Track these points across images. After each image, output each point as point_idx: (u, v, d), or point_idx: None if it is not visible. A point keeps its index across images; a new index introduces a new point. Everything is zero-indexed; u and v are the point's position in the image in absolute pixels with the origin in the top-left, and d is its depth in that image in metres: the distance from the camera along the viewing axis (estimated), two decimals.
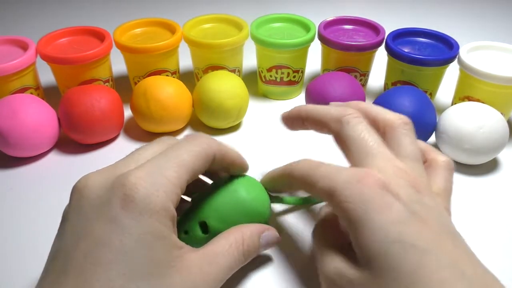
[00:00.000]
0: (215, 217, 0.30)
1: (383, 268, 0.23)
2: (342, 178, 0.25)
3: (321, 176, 0.26)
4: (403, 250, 0.22)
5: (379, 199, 0.24)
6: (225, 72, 0.45)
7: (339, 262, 0.25)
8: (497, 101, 0.43)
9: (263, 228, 0.29)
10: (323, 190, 0.26)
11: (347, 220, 0.24)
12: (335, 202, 0.25)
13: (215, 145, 0.28)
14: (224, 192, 0.30)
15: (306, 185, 0.28)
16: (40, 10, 0.78)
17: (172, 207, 0.24)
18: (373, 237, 0.23)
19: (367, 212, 0.23)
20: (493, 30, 0.72)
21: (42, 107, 0.41)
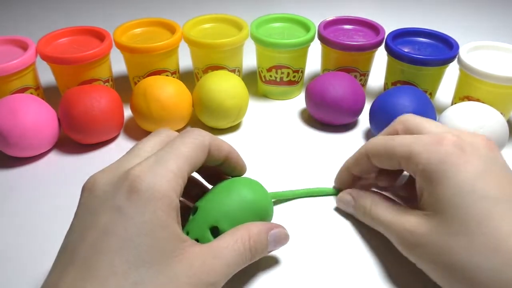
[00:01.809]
0: (226, 220, 0.29)
1: (455, 217, 0.26)
2: (420, 143, 0.28)
3: (399, 144, 0.30)
4: (474, 200, 0.25)
5: (456, 158, 0.27)
6: (225, 72, 0.45)
7: (409, 224, 0.28)
8: (497, 101, 0.43)
9: (271, 226, 0.29)
10: (402, 155, 0.29)
11: (426, 179, 0.27)
12: (413, 163, 0.28)
13: (208, 136, 0.29)
14: (230, 195, 0.30)
15: (385, 154, 0.31)
16: (40, 10, 0.78)
17: (175, 197, 0.25)
18: (449, 191, 0.26)
19: (445, 170, 0.27)
20: (493, 30, 0.72)
21: (42, 107, 0.41)
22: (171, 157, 0.26)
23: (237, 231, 0.28)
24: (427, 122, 0.31)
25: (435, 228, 0.27)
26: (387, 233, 0.31)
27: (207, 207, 0.30)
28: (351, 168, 0.35)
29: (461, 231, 0.25)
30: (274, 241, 0.29)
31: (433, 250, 0.26)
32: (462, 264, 0.25)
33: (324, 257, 0.33)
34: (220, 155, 0.30)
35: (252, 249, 0.27)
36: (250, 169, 0.40)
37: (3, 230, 0.35)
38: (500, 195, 0.25)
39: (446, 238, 0.26)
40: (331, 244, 0.34)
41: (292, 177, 0.39)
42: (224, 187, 0.31)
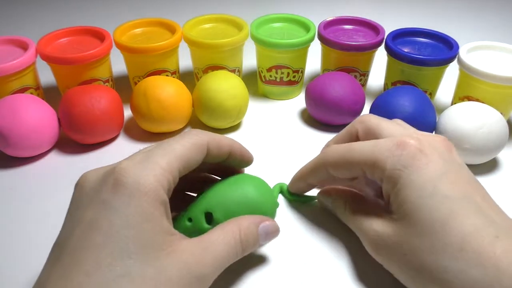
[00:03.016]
0: (221, 210, 0.30)
1: (419, 219, 0.26)
2: (383, 149, 0.28)
3: (360, 152, 0.29)
4: (437, 201, 0.26)
5: (417, 161, 0.27)
6: (225, 72, 0.45)
7: (377, 225, 0.29)
8: (497, 101, 0.43)
9: (261, 219, 0.29)
10: (365, 163, 0.29)
11: (391, 184, 0.28)
12: (378, 170, 0.28)
13: (206, 135, 0.29)
14: (233, 187, 0.31)
15: (345, 165, 0.30)
16: (40, 10, 0.78)
17: (163, 192, 0.25)
18: (412, 194, 0.26)
19: (408, 173, 0.27)
20: (493, 30, 0.72)
21: (42, 107, 0.41)
22: (160, 153, 0.26)
23: (227, 224, 0.28)
24: (385, 123, 0.32)
25: (400, 230, 0.27)
26: (358, 234, 0.31)
27: (210, 192, 0.31)
28: (307, 178, 0.34)
29: (426, 233, 0.26)
30: (264, 234, 0.29)
31: (400, 252, 0.27)
32: (428, 265, 0.25)
33: (320, 256, 0.33)
34: (221, 152, 0.30)
35: (243, 242, 0.27)
36: (250, 168, 0.40)
37: (3, 230, 0.35)
38: (461, 194, 0.26)
39: (412, 240, 0.26)
40: (327, 243, 0.34)
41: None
42: (232, 180, 0.32)
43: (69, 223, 0.25)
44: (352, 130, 0.33)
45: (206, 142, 0.28)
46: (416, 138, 0.28)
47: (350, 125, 0.34)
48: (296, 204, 0.37)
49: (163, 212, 0.25)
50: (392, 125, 0.31)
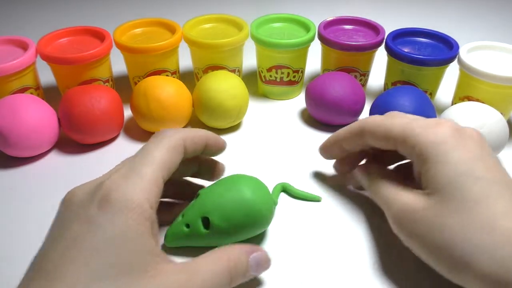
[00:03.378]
0: (218, 214, 0.30)
1: (452, 196, 0.26)
2: (419, 123, 0.29)
3: (396, 125, 0.30)
4: (470, 180, 0.26)
5: (454, 140, 0.28)
6: (225, 72, 0.45)
7: (407, 197, 0.29)
8: (497, 101, 0.43)
9: (252, 249, 0.28)
10: (399, 135, 0.29)
11: (424, 159, 0.28)
12: (410, 144, 0.29)
13: (181, 134, 0.29)
14: (230, 191, 0.31)
15: (381, 134, 0.31)
16: (40, 10, 0.78)
17: (148, 207, 0.24)
18: (446, 171, 0.27)
19: (443, 151, 0.27)
20: (493, 30, 0.72)
21: (42, 107, 0.41)
22: (144, 164, 0.26)
23: (216, 252, 0.27)
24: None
25: (432, 205, 0.27)
26: (383, 206, 0.31)
27: (206, 196, 0.31)
28: (343, 143, 0.35)
29: (458, 210, 0.26)
30: (255, 265, 0.28)
31: (428, 226, 0.27)
32: (458, 242, 0.25)
33: (320, 255, 0.33)
34: (197, 147, 0.30)
35: (232, 271, 0.26)
36: (250, 169, 0.40)
37: (3, 230, 0.35)
38: (494, 178, 0.27)
39: (443, 215, 0.26)
40: (327, 242, 0.34)
41: (292, 177, 0.39)
42: (229, 181, 0.32)
43: (51, 238, 0.24)
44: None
45: (182, 141, 0.28)
46: (453, 122, 0.29)
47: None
48: (296, 204, 0.37)
49: (149, 229, 0.24)
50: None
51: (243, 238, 0.32)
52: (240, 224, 0.30)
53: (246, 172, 0.34)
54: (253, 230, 0.32)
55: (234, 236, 0.31)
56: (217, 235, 0.31)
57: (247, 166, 0.41)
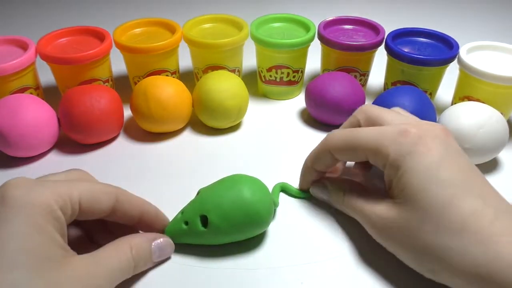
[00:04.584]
0: (217, 213, 0.30)
1: (422, 203, 0.27)
2: (386, 136, 0.30)
3: (365, 137, 0.31)
4: (438, 185, 0.27)
5: (420, 147, 0.28)
6: (225, 72, 0.45)
7: (380, 210, 0.30)
8: (497, 101, 0.43)
9: (155, 236, 0.30)
10: (369, 149, 0.30)
11: (393, 169, 0.29)
12: (382, 156, 0.30)
13: (116, 188, 0.29)
14: (229, 190, 0.31)
15: (349, 149, 0.32)
16: (40, 10, 0.78)
17: (56, 207, 0.25)
18: (414, 179, 0.28)
19: (409, 160, 0.28)
20: (493, 30, 0.72)
21: (42, 107, 0.41)
22: (64, 182, 0.27)
23: (119, 241, 0.28)
24: (386, 112, 0.33)
25: (403, 214, 0.28)
26: (360, 219, 0.32)
27: (206, 194, 0.31)
28: (314, 165, 0.35)
29: (428, 215, 0.27)
30: (158, 250, 0.30)
31: (403, 234, 0.28)
32: (431, 245, 0.27)
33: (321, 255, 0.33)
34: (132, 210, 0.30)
35: (135, 258, 0.28)
36: (250, 169, 0.40)
37: None
38: (460, 179, 0.27)
39: (415, 222, 0.27)
40: (328, 241, 0.34)
41: (292, 177, 0.39)
42: (229, 181, 0.32)
43: None
44: (354, 120, 0.34)
45: (114, 191, 0.28)
46: (417, 126, 0.30)
47: (352, 116, 0.35)
48: (296, 203, 0.37)
49: (57, 227, 0.25)
50: (393, 114, 0.32)
51: (242, 237, 0.32)
52: (238, 224, 0.30)
53: (246, 172, 0.34)
54: (252, 230, 0.32)
55: (232, 235, 0.31)
56: (215, 234, 0.31)
57: (247, 166, 0.41)
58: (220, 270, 0.31)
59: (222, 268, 0.31)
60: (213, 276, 0.31)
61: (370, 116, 0.33)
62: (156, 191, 0.38)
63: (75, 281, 0.24)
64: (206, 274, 0.31)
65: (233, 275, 0.31)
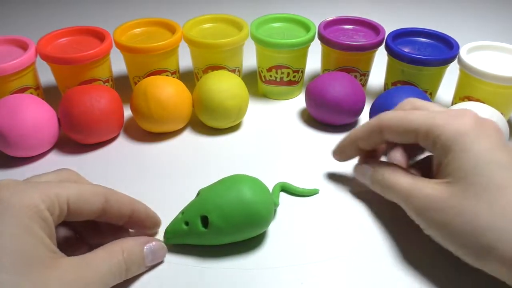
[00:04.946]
0: (217, 214, 0.30)
1: (476, 183, 0.27)
2: (442, 116, 0.30)
3: (418, 117, 0.31)
4: (494, 168, 0.27)
5: (476, 130, 0.28)
6: (225, 72, 0.45)
7: (429, 189, 0.29)
8: (497, 101, 0.43)
9: (147, 240, 0.30)
10: (422, 127, 0.30)
11: (446, 149, 0.29)
12: (434, 135, 0.29)
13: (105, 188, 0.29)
14: (230, 191, 0.31)
15: (401, 128, 0.31)
16: (40, 10, 0.78)
17: (43, 207, 0.24)
18: (470, 160, 0.28)
19: (466, 141, 0.28)
20: (493, 30, 0.72)
21: (42, 107, 0.41)
22: (52, 183, 0.26)
23: (111, 245, 0.28)
24: (433, 105, 0.33)
25: (456, 193, 0.28)
26: (404, 198, 0.31)
27: (206, 194, 0.31)
28: (360, 141, 0.35)
29: (482, 196, 0.26)
30: (151, 254, 0.30)
31: (454, 214, 0.27)
32: (483, 227, 0.26)
33: (322, 254, 0.33)
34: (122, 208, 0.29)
35: (127, 261, 0.28)
36: (250, 169, 0.40)
37: None
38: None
39: (468, 202, 0.27)
40: (329, 241, 0.34)
41: (292, 177, 0.39)
42: (229, 181, 0.32)
43: None
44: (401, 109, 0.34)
45: (103, 192, 0.28)
46: (473, 113, 0.30)
47: (398, 106, 0.35)
48: (296, 203, 0.37)
49: (44, 228, 0.24)
50: (441, 106, 0.33)
51: (242, 238, 0.32)
52: (239, 224, 0.30)
53: (246, 172, 0.34)
54: (252, 231, 0.32)
55: (232, 236, 0.31)
56: (215, 234, 0.31)
57: (247, 166, 0.41)
58: (220, 270, 0.31)
59: (222, 268, 0.31)
60: (212, 276, 0.31)
61: (416, 106, 0.33)
62: (156, 191, 0.38)
63: (64, 284, 0.24)
64: (206, 274, 0.31)
65: (233, 275, 0.31)
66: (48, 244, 0.24)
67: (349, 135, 0.36)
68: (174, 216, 0.33)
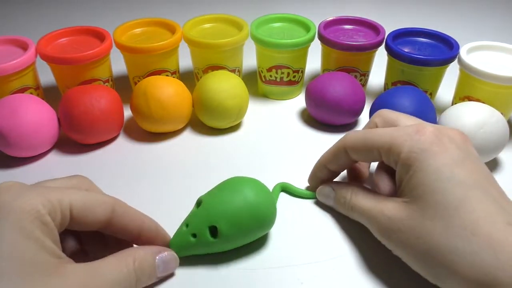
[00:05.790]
0: (226, 222, 0.30)
1: (434, 202, 0.26)
2: (401, 133, 0.29)
3: (380, 135, 0.30)
4: (452, 185, 0.26)
5: (435, 146, 0.28)
6: (225, 72, 0.45)
7: (388, 210, 0.29)
8: (497, 101, 0.43)
9: (159, 249, 0.29)
10: (383, 145, 0.30)
11: (406, 167, 0.28)
12: (395, 153, 0.29)
13: (113, 199, 0.28)
14: (233, 196, 0.30)
15: (364, 147, 0.31)
16: (40, 10, 0.78)
17: (44, 212, 0.24)
18: (427, 177, 0.27)
19: (425, 158, 0.27)
20: (493, 30, 0.72)
21: (42, 107, 0.41)
22: (56, 188, 0.25)
23: (122, 252, 0.27)
24: (403, 117, 0.33)
25: (413, 213, 0.27)
26: (367, 220, 0.31)
27: (210, 203, 0.30)
28: (328, 164, 0.35)
29: (439, 215, 0.26)
30: (162, 264, 0.29)
31: (411, 235, 0.27)
32: (439, 247, 0.26)
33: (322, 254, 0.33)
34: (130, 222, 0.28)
35: (138, 271, 0.27)
36: (250, 169, 0.40)
37: None
38: (475, 182, 0.27)
39: (425, 222, 0.27)
40: (329, 241, 0.34)
41: (292, 177, 0.39)
42: (230, 186, 0.31)
43: None
44: (371, 124, 0.34)
45: (111, 202, 0.27)
46: (435, 126, 0.29)
47: (369, 121, 0.35)
48: (297, 204, 0.37)
49: (46, 233, 0.23)
50: (411, 118, 0.32)
51: (249, 241, 0.32)
52: (247, 229, 0.30)
53: (246, 173, 0.34)
54: (259, 233, 0.32)
55: (241, 241, 0.31)
56: (225, 242, 0.30)
57: (247, 166, 0.41)
58: (220, 270, 0.31)
59: (222, 268, 0.31)
60: (212, 276, 0.31)
61: (387, 119, 0.33)
62: (156, 191, 0.38)
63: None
64: (206, 274, 0.31)
65: (233, 275, 0.31)
66: (51, 249, 0.23)
67: (318, 160, 0.36)
68: (174, 217, 0.33)
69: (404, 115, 0.33)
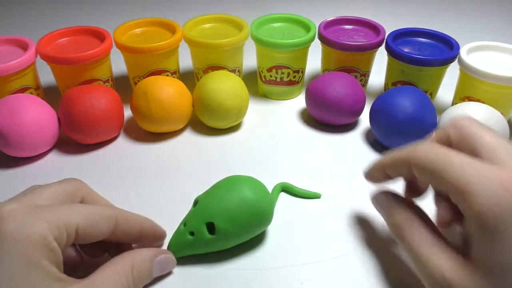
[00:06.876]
0: (223, 218, 0.30)
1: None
2: (482, 182, 0.23)
3: (455, 172, 0.24)
4: None
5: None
6: (225, 72, 0.45)
7: (447, 267, 0.24)
8: (497, 101, 0.43)
9: (156, 252, 0.29)
10: (454, 187, 0.24)
11: (481, 227, 0.22)
12: (468, 203, 0.23)
13: (116, 211, 0.27)
14: (230, 193, 0.31)
15: (431, 176, 0.25)
16: (40, 10, 0.78)
17: (52, 239, 0.23)
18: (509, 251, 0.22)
19: (510, 223, 0.22)
20: (493, 30, 0.72)
21: (42, 107, 0.41)
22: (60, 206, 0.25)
23: (120, 261, 0.27)
24: (487, 136, 0.26)
25: (480, 286, 0.22)
26: (416, 264, 0.26)
27: (207, 201, 0.31)
28: (387, 169, 0.30)
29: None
30: (159, 267, 0.29)
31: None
32: None
33: (321, 254, 0.33)
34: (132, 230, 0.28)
35: (136, 280, 0.27)
36: (250, 169, 0.40)
37: None
38: None
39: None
40: (329, 241, 0.34)
41: (292, 177, 0.39)
42: (226, 184, 0.32)
43: None
44: (443, 135, 0.28)
45: (114, 215, 0.27)
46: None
47: (442, 129, 0.28)
48: (297, 204, 0.37)
49: (52, 260, 0.24)
50: (495, 140, 0.25)
51: (247, 238, 0.32)
52: (245, 225, 0.30)
53: (246, 172, 0.34)
54: (256, 229, 0.32)
55: (239, 238, 0.31)
56: (223, 239, 0.30)
57: (247, 166, 0.41)
58: (220, 270, 0.31)
59: (222, 268, 0.31)
60: (212, 276, 0.31)
61: (465, 136, 0.26)
62: (156, 191, 0.38)
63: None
64: (206, 274, 0.31)
65: (233, 275, 0.31)
66: (56, 275, 0.24)
67: (380, 160, 0.31)
68: (174, 216, 0.33)
69: (490, 133, 0.26)
